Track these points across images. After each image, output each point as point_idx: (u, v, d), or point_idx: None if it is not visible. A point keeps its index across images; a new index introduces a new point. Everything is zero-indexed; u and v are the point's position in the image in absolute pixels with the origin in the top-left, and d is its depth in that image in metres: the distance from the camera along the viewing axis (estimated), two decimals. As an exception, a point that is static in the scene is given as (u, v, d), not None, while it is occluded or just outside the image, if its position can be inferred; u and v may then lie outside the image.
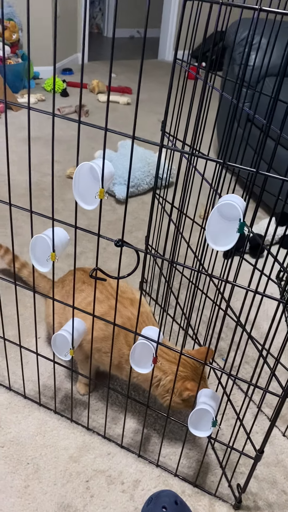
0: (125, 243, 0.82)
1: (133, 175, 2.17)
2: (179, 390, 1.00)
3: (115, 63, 4.87)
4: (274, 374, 0.83)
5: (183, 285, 1.64)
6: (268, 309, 1.59)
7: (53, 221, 0.85)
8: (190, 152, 0.73)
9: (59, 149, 2.62)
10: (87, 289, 1.17)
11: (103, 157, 0.74)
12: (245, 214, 0.70)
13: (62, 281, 1.27)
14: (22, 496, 0.98)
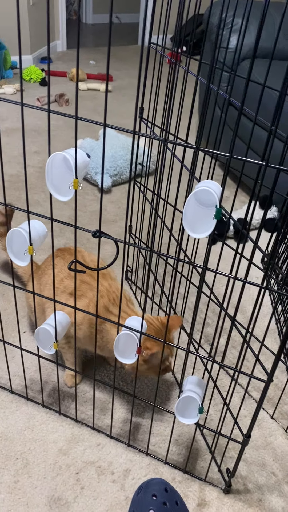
0: (103, 234, 0.80)
1: (116, 164, 2.14)
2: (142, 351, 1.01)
3: (95, 50, 4.79)
4: (258, 360, 0.83)
5: (168, 272, 1.63)
6: (253, 293, 1.59)
7: (29, 214, 0.84)
8: (164, 138, 0.71)
9: (38, 139, 2.58)
10: (60, 263, 1.20)
11: (75, 146, 0.72)
12: (221, 199, 0.69)
13: (43, 264, 1.31)
14: (12, 492, 0.98)
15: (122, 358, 0.94)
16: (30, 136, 2.62)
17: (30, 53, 3.83)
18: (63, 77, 3.74)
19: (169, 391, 1.23)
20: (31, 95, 3.27)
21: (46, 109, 0.72)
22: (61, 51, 4.52)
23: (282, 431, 1.16)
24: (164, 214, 1.33)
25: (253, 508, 0.99)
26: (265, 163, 0.65)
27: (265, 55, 2.20)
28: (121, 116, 3.08)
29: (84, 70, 3.95)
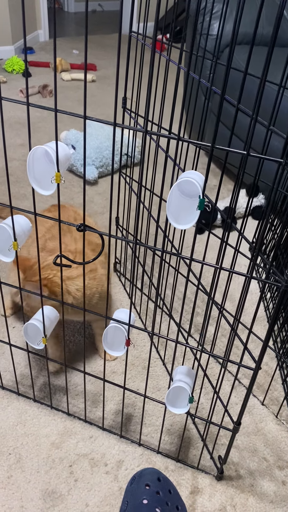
0: (87, 227, 0.80)
1: (102, 155, 2.13)
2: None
3: (77, 39, 4.73)
4: (246, 348, 0.83)
5: (157, 263, 1.63)
6: (242, 281, 1.60)
7: (12, 209, 0.83)
8: (145, 129, 0.70)
9: (23, 132, 2.55)
10: (49, 222, 1.30)
11: (56, 140, 0.71)
12: (204, 190, 0.68)
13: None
14: (6, 487, 0.98)
15: (111, 350, 0.94)
16: (14, 128, 2.58)
17: (11, 44, 3.77)
18: (46, 68, 3.68)
19: (159, 381, 1.23)
20: (14, 87, 3.22)
21: (25, 102, 0.71)
22: (43, 41, 4.45)
23: (273, 416, 1.17)
24: (150, 204, 1.32)
25: (245, 494, 1.01)
26: (246, 153, 0.64)
27: (247, 41, 2.19)
28: (107, 106, 3.05)
29: (67, 60, 3.90)
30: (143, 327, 1.39)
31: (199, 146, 1.00)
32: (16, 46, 3.84)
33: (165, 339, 1.32)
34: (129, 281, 1.54)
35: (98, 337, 1.29)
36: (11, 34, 3.72)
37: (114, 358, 1.29)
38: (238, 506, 0.98)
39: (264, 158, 0.66)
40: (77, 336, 1.34)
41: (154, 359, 1.29)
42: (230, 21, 2.07)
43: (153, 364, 1.28)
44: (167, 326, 1.40)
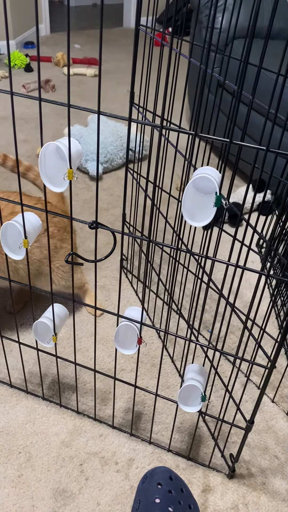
0: (99, 225, 0.79)
1: (106, 150, 2.11)
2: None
3: (79, 33, 4.69)
4: (259, 346, 0.82)
5: (165, 260, 1.62)
6: (250, 277, 1.59)
7: (22, 206, 0.81)
8: (161, 125, 0.69)
9: (26, 128, 2.53)
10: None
11: (69, 136, 0.70)
12: (222, 185, 0.67)
13: None
14: (16, 486, 0.97)
15: (122, 349, 0.93)
16: (17, 124, 2.57)
17: (13, 38, 3.74)
18: (48, 62, 3.66)
19: (168, 378, 1.22)
20: (16, 82, 3.20)
21: (37, 98, 0.69)
22: (44, 35, 4.42)
23: (283, 414, 1.17)
24: (159, 201, 1.31)
25: (257, 492, 1.00)
26: (265, 148, 0.63)
27: (254, 35, 2.16)
28: (110, 101, 3.02)
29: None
30: (151, 324, 1.38)
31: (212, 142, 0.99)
32: (18, 40, 3.81)
33: (174, 336, 1.31)
34: (136, 278, 1.53)
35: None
36: (12, 28, 3.69)
37: (100, 314, 1.37)
38: (250, 504, 0.98)
39: (281, 154, 0.65)
40: (85, 333, 1.34)
41: (163, 356, 1.29)
42: (234, 14, 2.05)
43: (162, 361, 1.27)
44: (175, 323, 1.39)
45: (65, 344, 1.29)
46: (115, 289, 1.49)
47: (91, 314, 1.39)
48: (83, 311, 1.41)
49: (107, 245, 1.68)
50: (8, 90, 0.70)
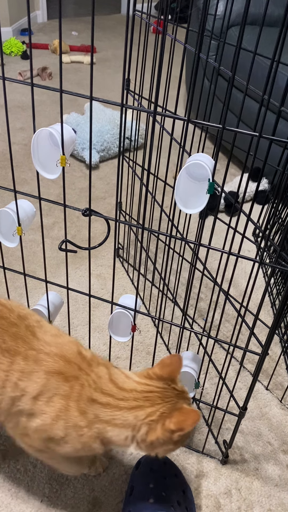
0: (93, 212, 0.79)
1: (103, 139, 2.10)
2: (163, 437, 0.72)
3: (76, 20, 4.63)
4: (253, 333, 0.83)
5: (160, 249, 1.62)
6: (245, 266, 1.59)
7: (16, 193, 0.81)
8: (154, 110, 0.69)
9: (23, 115, 2.51)
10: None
11: (61, 122, 0.70)
12: (214, 173, 0.67)
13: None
14: (12, 471, 0.98)
15: (117, 336, 0.93)
16: (14, 112, 2.55)
17: (9, 25, 3.69)
18: (45, 50, 3.62)
19: (165, 366, 1.23)
20: (13, 70, 3.16)
21: (29, 83, 0.69)
22: (41, 22, 4.36)
23: (277, 401, 1.18)
24: (154, 189, 1.30)
25: (250, 477, 1.01)
26: (258, 134, 0.63)
27: (251, 22, 2.14)
28: (107, 88, 3.00)
29: (66, 41, 3.83)
30: (146, 313, 1.39)
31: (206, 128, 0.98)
32: (14, 27, 3.77)
33: (169, 324, 1.32)
34: (132, 266, 1.53)
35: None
36: (8, 15, 3.64)
37: None
38: (243, 489, 0.99)
39: (275, 140, 0.65)
40: (81, 321, 1.34)
41: (158, 344, 1.29)
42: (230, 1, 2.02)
43: (157, 349, 1.28)
44: (170, 311, 1.40)
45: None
46: (111, 278, 1.49)
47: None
48: (78, 300, 1.41)
49: (103, 234, 1.68)
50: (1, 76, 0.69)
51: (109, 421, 0.73)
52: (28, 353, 0.77)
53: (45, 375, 0.75)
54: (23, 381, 0.75)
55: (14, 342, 0.78)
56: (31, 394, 0.75)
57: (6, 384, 0.76)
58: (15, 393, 0.76)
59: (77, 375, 0.76)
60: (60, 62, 0.60)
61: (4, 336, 0.78)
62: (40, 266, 1.52)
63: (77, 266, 1.53)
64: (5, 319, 0.80)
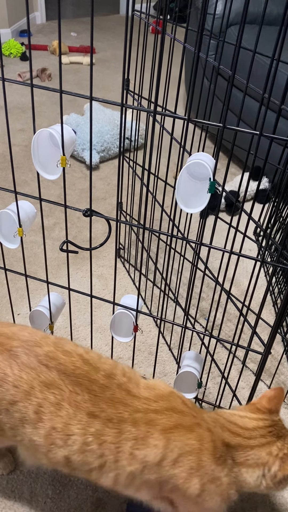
0: (94, 213, 0.78)
1: (103, 139, 2.10)
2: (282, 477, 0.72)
3: (75, 21, 4.64)
4: (255, 332, 0.83)
5: (162, 249, 1.62)
6: (247, 265, 1.59)
7: (16, 194, 0.81)
8: (154, 110, 0.68)
9: (23, 117, 2.51)
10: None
11: (61, 122, 0.70)
12: (215, 172, 0.67)
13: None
14: (15, 473, 0.98)
15: (119, 337, 0.93)
16: (14, 113, 2.55)
17: (8, 27, 3.69)
18: (44, 51, 3.62)
19: (166, 366, 1.23)
20: (12, 71, 3.16)
21: (29, 84, 0.69)
22: (40, 23, 4.36)
23: (280, 400, 1.17)
24: (155, 189, 1.30)
25: (254, 477, 1.01)
26: (259, 133, 0.63)
27: (250, 21, 2.14)
28: (107, 89, 3.00)
29: (65, 42, 3.83)
30: (148, 313, 1.39)
31: (206, 127, 0.98)
32: (13, 29, 3.77)
33: (171, 324, 1.31)
34: (133, 267, 1.53)
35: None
36: (7, 16, 3.65)
37: None
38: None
39: (275, 138, 0.65)
40: (83, 322, 1.34)
41: (160, 344, 1.29)
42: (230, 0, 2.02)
43: (159, 349, 1.28)
44: (172, 311, 1.40)
45: (62, 333, 1.30)
46: (113, 278, 1.49)
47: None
48: (80, 300, 1.41)
49: (104, 234, 1.68)
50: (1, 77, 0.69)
51: (243, 462, 0.70)
52: (135, 416, 0.69)
53: (163, 434, 0.68)
54: (140, 449, 0.68)
55: (114, 409, 0.70)
56: (153, 461, 0.68)
57: (120, 457, 0.68)
58: (134, 466, 0.68)
59: (198, 423, 0.71)
60: (60, 63, 0.60)
61: (100, 404, 0.70)
62: (41, 267, 1.52)
63: (78, 267, 1.53)
64: (94, 382, 0.72)
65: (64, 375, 0.72)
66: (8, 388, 0.72)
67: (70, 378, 0.71)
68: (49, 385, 0.71)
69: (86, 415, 0.69)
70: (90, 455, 0.69)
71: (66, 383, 0.71)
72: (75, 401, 0.70)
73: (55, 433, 0.69)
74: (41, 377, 0.71)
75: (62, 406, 0.69)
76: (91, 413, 0.69)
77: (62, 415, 0.69)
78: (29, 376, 0.72)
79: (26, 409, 0.71)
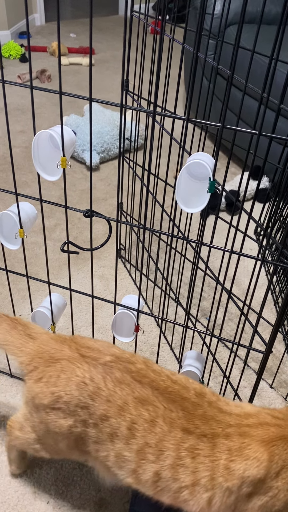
0: (94, 213, 0.79)
1: (103, 140, 2.10)
2: None
3: (74, 22, 4.64)
4: (256, 331, 0.83)
5: (162, 249, 1.62)
6: (248, 265, 1.59)
7: (17, 196, 0.81)
8: (153, 110, 0.69)
9: (23, 118, 2.52)
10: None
11: (61, 124, 0.70)
12: (215, 172, 0.67)
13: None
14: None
15: (120, 337, 0.93)
16: (14, 115, 2.55)
17: (7, 28, 3.70)
18: (44, 52, 3.62)
19: (167, 365, 1.23)
20: (12, 73, 3.17)
21: (29, 86, 0.69)
22: (39, 25, 4.37)
23: (282, 399, 1.17)
24: (155, 189, 1.31)
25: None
26: (258, 132, 0.63)
27: (249, 20, 2.14)
28: (106, 90, 3.00)
29: (64, 43, 3.83)
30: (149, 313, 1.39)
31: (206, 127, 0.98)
32: (12, 30, 3.78)
33: (172, 324, 1.32)
34: (134, 267, 1.53)
35: None
36: (6, 18, 3.65)
37: None
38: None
39: (274, 138, 0.65)
40: (85, 322, 1.34)
41: (162, 344, 1.29)
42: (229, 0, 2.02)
43: (160, 349, 1.28)
44: (173, 311, 1.40)
45: (64, 333, 1.30)
46: (114, 279, 1.49)
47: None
48: (81, 301, 1.41)
49: (105, 235, 1.68)
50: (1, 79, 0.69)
51: None
52: (228, 431, 0.68)
53: (264, 446, 0.66)
54: (235, 461, 0.66)
55: (208, 425, 0.69)
56: (255, 476, 0.65)
57: (215, 472, 0.66)
58: (231, 482, 0.65)
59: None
60: (59, 64, 0.61)
61: (194, 421, 0.70)
62: (42, 268, 1.52)
63: (79, 268, 1.54)
64: (186, 400, 0.72)
65: (158, 392, 0.71)
66: (101, 402, 0.71)
67: (164, 395, 0.71)
68: (144, 402, 0.70)
69: (180, 431, 0.69)
70: (182, 470, 0.68)
71: (160, 400, 0.71)
72: (169, 418, 0.70)
73: (148, 448, 0.69)
74: (135, 393, 0.71)
75: (156, 423, 0.69)
76: (186, 429, 0.69)
77: (156, 432, 0.69)
78: (123, 392, 0.71)
79: (119, 425, 0.70)
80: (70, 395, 0.72)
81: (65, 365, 0.75)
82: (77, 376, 0.73)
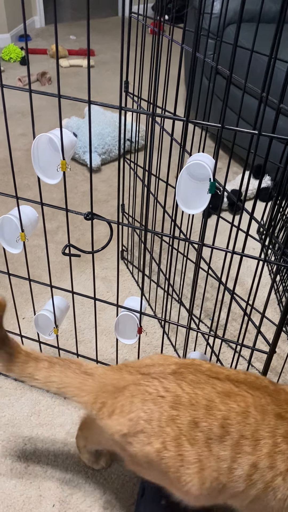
0: (95, 216, 0.79)
1: (104, 141, 2.10)
2: None
3: (74, 24, 4.65)
4: (259, 332, 0.83)
5: (165, 250, 1.62)
6: (251, 264, 1.59)
7: (18, 200, 0.81)
8: (152, 112, 0.68)
9: (24, 121, 2.52)
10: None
11: (60, 127, 0.70)
12: (215, 172, 0.67)
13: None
14: (23, 477, 0.98)
15: (123, 339, 0.93)
16: (14, 118, 2.56)
17: (7, 32, 3.71)
18: (44, 55, 3.63)
19: (172, 367, 1.23)
20: (12, 76, 3.18)
21: (27, 89, 0.69)
22: (39, 28, 4.38)
23: (287, 399, 1.17)
24: (157, 190, 1.30)
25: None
26: (257, 132, 0.62)
27: (249, 19, 2.13)
28: (106, 91, 3.00)
29: (64, 46, 3.84)
30: (152, 314, 1.38)
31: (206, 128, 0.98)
32: (12, 33, 3.78)
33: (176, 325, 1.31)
34: (136, 268, 1.53)
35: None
36: (6, 21, 3.66)
37: None
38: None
39: (274, 137, 0.64)
40: (88, 324, 1.34)
41: (165, 345, 1.29)
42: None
43: (164, 350, 1.28)
44: (176, 312, 1.39)
45: (67, 336, 1.30)
46: (116, 280, 1.49)
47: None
48: (84, 303, 1.41)
49: (107, 237, 1.68)
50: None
51: None
52: None
53: None
54: None
55: None
56: None
57: (276, 461, 0.64)
58: None
59: None
60: (57, 68, 0.60)
61: (283, 405, 0.68)
62: (45, 271, 1.52)
63: (82, 270, 1.54)
64: (266, 388, 0.71)
65: (238, 383, 0.69)
66: (185, 408, 0.67)
67: (246, 384, 0.69)
68: (229, 394, 0.67)
69: (273, 418, 0.67)
70: (279, 457, 0.65)
71: (244, 389, 0.68)
72: (260, 405, 0.67)
73: (244, 440, 0.66)
74: (218, 389, 0.68)
75: (249, 413, 0.67)
76: (278, 414, 0.67)
77: (250, 422, 0.66)
78: (204, 391, 0.68)
79: (211, 426, 0.66)
80: (149, 412, 0.67)
81: (133, 389, 0.70)
82: (150, 393, 0.68)
